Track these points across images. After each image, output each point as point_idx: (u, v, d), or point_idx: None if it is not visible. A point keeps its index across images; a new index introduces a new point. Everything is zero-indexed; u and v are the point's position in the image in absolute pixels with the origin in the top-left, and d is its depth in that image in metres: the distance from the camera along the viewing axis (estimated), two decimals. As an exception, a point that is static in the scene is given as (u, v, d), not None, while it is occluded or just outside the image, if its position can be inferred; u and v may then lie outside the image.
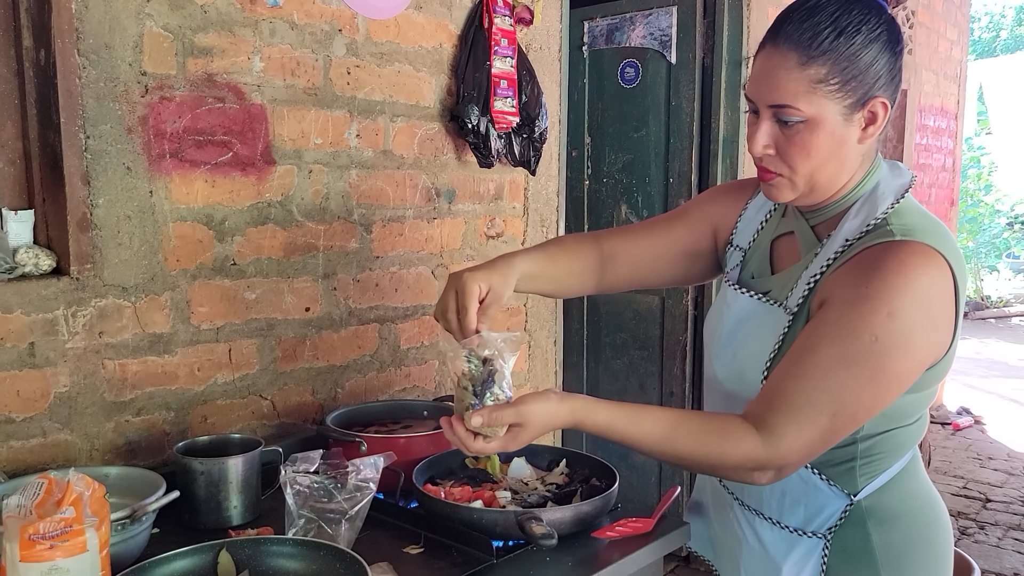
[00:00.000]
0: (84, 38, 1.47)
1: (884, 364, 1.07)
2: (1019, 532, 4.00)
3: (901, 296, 1.06)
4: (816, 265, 1.19)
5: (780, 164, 1.16)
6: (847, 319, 1.08)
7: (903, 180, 1.21)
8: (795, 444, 1.08)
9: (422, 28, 2.06)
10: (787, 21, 1.12)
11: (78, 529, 1.03)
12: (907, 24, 4.85)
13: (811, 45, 1.09)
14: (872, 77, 1.11)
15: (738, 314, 1.29)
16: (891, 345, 1.06)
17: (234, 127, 1.71)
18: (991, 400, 6.64)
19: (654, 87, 3.44)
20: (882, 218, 1.16)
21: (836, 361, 1.07)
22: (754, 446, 1.08)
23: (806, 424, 1.07)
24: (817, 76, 1.09)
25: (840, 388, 1.07)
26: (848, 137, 1.14)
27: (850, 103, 1.11)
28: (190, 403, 1.69)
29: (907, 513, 1.24)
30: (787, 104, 1.11)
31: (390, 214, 2.03)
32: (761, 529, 1.32)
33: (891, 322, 1.06)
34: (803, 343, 1.11)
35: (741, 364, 1.26)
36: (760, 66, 1.15)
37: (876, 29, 1.10)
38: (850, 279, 1.11)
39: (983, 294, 11.37)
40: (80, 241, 1.50)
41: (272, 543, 1.22)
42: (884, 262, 1.09)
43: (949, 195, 6.07)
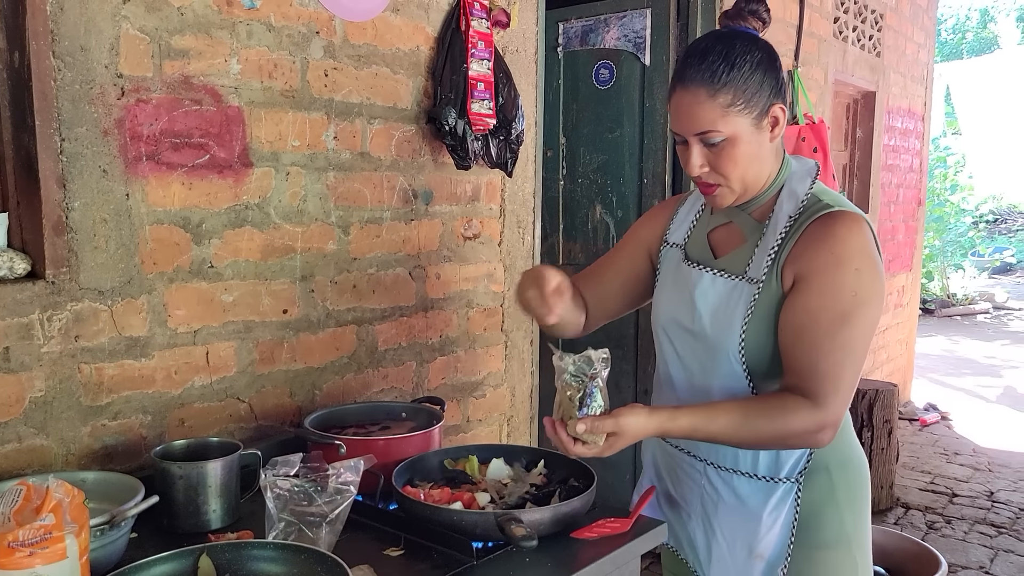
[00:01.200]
0: (59, 40, 1.46)
1: (868, 310, 1.36)
2: (985, 526, 4.08)
3: (859, 256, 1.35)
4: (770, 239, 1.43)
5: (716, 176, 1.41)
6: (828, 286, 1.34)
7: (809, 165, 1.49)
8: (839, 398, 1.34)
9: (399, 30, 2.06)
10: (688, 66, 1.38)
11: (58, 536, 1.03)
12: (875, 27, 4.93)
13: (713, 80, 1.35)
14: (767, 90, 1.38)
15: (704, 289, 1.49)
16: (865, 293, 1.35)
17: (211, 129, 1.70)
18: (958, 396, 6.76)
19: (628, 88, 3.46)
20: (810, 195, 1.44)
21: (836, 323, 1.33)
22: (810, 413, 1.32)
23: (840, 380, 1.34)
24: (726, 102, 1.35)
25: (848, 342, 1.34)
26: (762, 141, 1.41)
27: (756, 114, 1.38)
28: (167, 406, 1.68)
29: (852, 459, 1.52)
30: (709, 129, 1.36)
31: (368, 216, 2.04)
32: (738, 484, 1.51)
33: (860, 277, 1.35)
34: (802, 319, 1.36)
35: (716, 331, 1.46)
36: (676, 105, 1.39)
37: (757, 55, 1.38)
38: (815, 250, 1.36)
39: (949, 292, 11.56)
40: (55, 244, 1.49)
41: (252, 547, 1.22)
42: (836, 229, 1.36)
43: (916, 195, 6.17)
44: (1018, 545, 3.85)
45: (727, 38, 1.39)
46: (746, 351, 1.42)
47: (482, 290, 2.38)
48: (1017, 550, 3.80)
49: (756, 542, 1.49)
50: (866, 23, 4.82)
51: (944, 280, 11.64)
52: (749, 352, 1.42)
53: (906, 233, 5.99)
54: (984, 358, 8.47)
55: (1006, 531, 4.02)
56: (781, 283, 1.40)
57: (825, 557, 1.49)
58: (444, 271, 2.25)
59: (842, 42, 4.54)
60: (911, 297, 6.32)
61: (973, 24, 21.54)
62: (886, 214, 5.52)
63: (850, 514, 1.50)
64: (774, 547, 1.49)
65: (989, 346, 9.10)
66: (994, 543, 3.87)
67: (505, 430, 2.53)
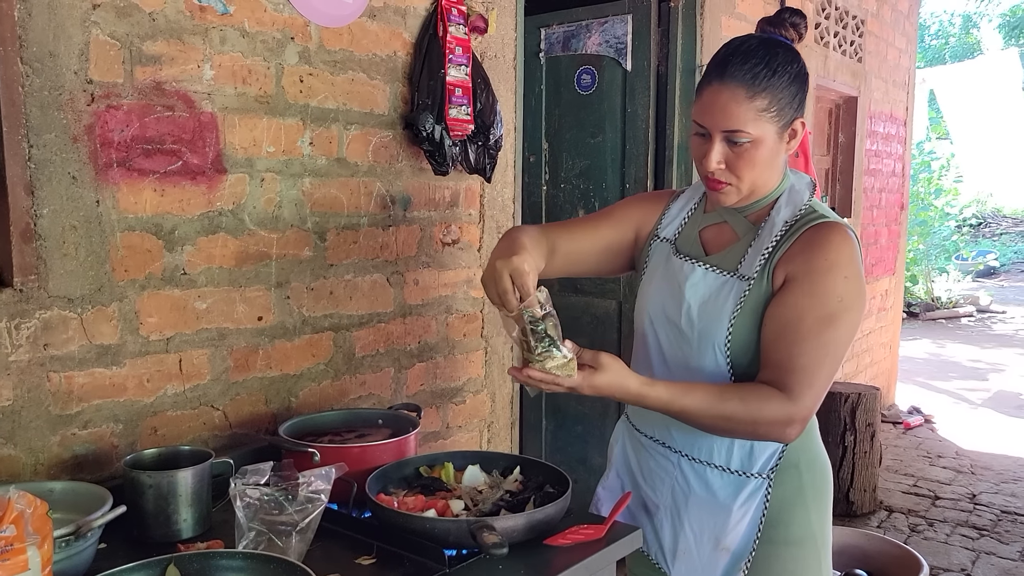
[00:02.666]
0: (27, 46, 1.45)
1: (851, 316, 1.42)
2: (967, 528, 4.10)
3: (848, 264, 1.42)
4: (764, 240, 1.48)
5: (729, 175, 1.45)
6: (817, 288, 1.40)
7: (806, 180, 1.55)
8: (812, 395, 1.40)
9: (376, 36, 2.06)
10: (730, 63, 1.41)
11: (19, 548, 1.02)
12: (857, 33, 4.96)
13: (754, 82, 1.39)
14: (796, 103, 1.44)
15: (694, 282, 1.52)
16: (851, 300, 1.42)
17: (184, 135, 1.69)
18: (941, 399, 6.79)
19: (610, 94, 3.47)
20: (807, 206, 1.50)
21: (820, 323, 1.39)
22: (783, 405, 1.37)
23: (815, 378, 1.39)
24: (761, 106, 1.40)
25: (831, 342, 1.40)
26: (780, 150, 1.47)
27: (782, 124, 1.44)
28: (139, 415, 1.67)
29: (820, 459, 1.58)
30: (739, 129, 1.40)
31: (344, 222, 2.03)
32: (710, 477, 1.55)
33: (848, 284, 1.41)
34: (788, 315, 1.41)
35: (703, 324, 1.49)
36: (711, 99, 1.41)
37: (795, 66, 1.44)
38: (809, 254, 1.42)
39: (933, 295, 11.62)
40: (23, 252, 1.47)
41: (221, 557, 1.21)
42: (831, 236, 1.43)
43: (899, 199, 6.20)
44: (1000, 547, 3.87)
45: (770, 45, 1.44)
46: (731, 346, 1.47)
47: (461, 296, 2.38)
48: (999, 552, 3.82)
49: (724, 534, 1.53)
50: (847, 29, 4.84)
51: (928, 284, 11.71)
52: (734, 347, 1.47)
53: (889, 237, 6.02)
54: (968, 361, 8.52)
55: (988, 533, 4.03)
56: (772, 282, 1.45)
57: (790, 553, 1.54)
58: (423, 277, 2.24)
59: (824, 48, 4.56)
60: (894, 300, 6.35)
61: (956, 29, 21.72)
62: (869, 218, 5.55)
63: (816, 513, 1.55)
64: (740, 540, 1.53)
65: (973, 349, 9.15)
66: (976, 545, 3.89)
67: (485, 436, 2.52)
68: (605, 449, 3.60)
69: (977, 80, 9.60)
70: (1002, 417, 6.30)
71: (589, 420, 3.67)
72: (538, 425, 3.82)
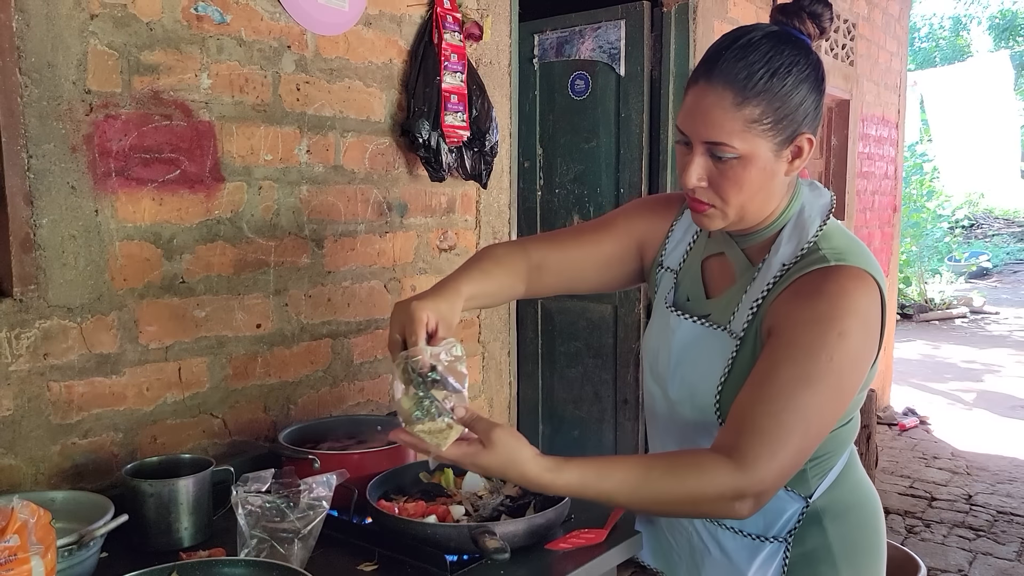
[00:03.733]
0: (26, 56, 1.45)
1: (841, 380, 1.14)
2: (964, 529, 4.11)
3: (848, 318, 1.13)
4: (756, 289, 1.25)
5: (713, 196, 1.21)
6: (802, 341, 1.14)
7: (824, 200, 1.28)
8: (772, 467, 1.10)
9: (372, 44, 2.06)
10: (720, 59, 1.15)
11: (23, 557, 1.02)
12: (848, 36, 4.99)
13: (746, 85, 1.13)
14: (801, 115, 1.16)
15: (683, 339, 1.32)
16: (844, 362, 1.13)
17: (182, 144, 1.69)
18: (936, 401, 6.82)
19: (604, 99, 3.48)
20: (813, 242, 1.22)
21: (798, 382, 1.12)
22: (730, 475, 1.09)
23: (779, 447, 1.10)
24: (752, 116, 1.14)
25: (806, 407, 1.12)
26: (777, 171, 1.19)
27: (780, 140, 1.17)
28: (139, 424, 1.67)
29: (856, 504, 1.33)
30: (722, 142, 1.15)
31: (342, 229, 2.03)
32: (723, 539, 1.36)
33: (843, 342, 1.13)
34: (763, 369, 1.15)
35: (691, 387, 1.29)
36: (694, 101, 1.17)
37: (805, 70, 1.16)
38: (796, 304, 1.17)
39: (927, 297, 11.67)
40: (23, 262, 1.48)
41: (224, 564, 1.21)
42: (826, 286, 1.16)
43: (892, 202, 6.23)
44: (996, 548, 3.89)
45: (777, 39, 1.16)
46: (722, 411, 1.25)
47: (458, 302, 2.38)
48: (995, 553, 3.83)
49: None
50: (839, 32, 4.87)
51: (921, 285, 11.76)
52: (726, 412, 1.23)
53: (882, 239, 6.05)
54: (962, 362, 8.55)
55: (984, 534, 4.05)
56: (760, 340, 1.22)
57: None
58: (420, 283, 2.25)
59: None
60: (889, 303, 6.37)
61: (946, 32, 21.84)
62: (862, 220, 5.57)
63: (849, 570, 1.31)
64: None
65: (967, 350, 9.19)
66: (973, 546, 3.91)
67: (483, 441, 2.52)
68: (602, 454, 3.62)
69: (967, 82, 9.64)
70: (997, 418, 6.32)
71: (587, 425, 3.68)
72: (535, 430, 3.82)
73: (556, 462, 1.10)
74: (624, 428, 3.55)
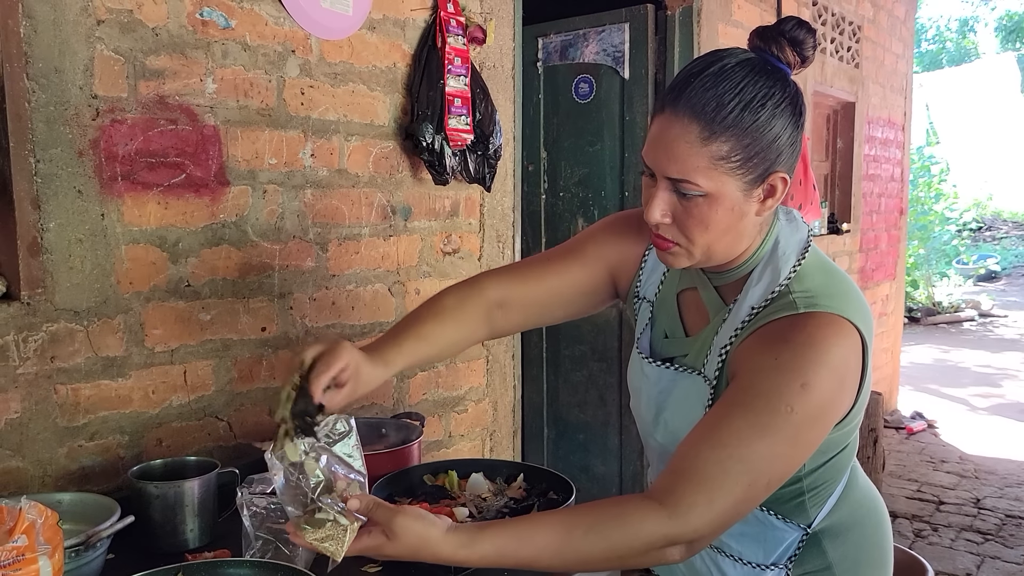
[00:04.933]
0: (33, 62, 1.47)
1: (800, 433, 1.06)
2: (971, 533, 4.10)
3: (814, 368, 1.06)
4: (724, 334, 1.18)
5: (677, 234, 1.13)
6: (760, 388, 1.06)
7: (800, 235, 1.20)
8: (707, 515, 1.03)
9: (376, 48, 2.08)
10: (689, 87, 1.07)
11: (31, 557, 1.03)
12: (853, 39, 4.99)
13: (715, 118, 1.05)
14: (774, 153, 1.08)
15: (659, 385, 1.27)
16: (806, 415, 1.06)
17: (187, 148, 1.71)
18: (944, 404, 6.79)
19: (608, 102, 3.49)
20: (784, 285, 1.15)
21: (752, 430, 1.04)
22: (660, 522, 1.02)
23: (719, 494, 1.03)
24: (719, 153, 1.06)
25: (756, 457, 1.04)
26: (747, 211, 1.12)
27: (750, 179, 1.09)
28: (145, 426, 1.68)
29: (856, 523, 1.28)
30: (686, 179, 1.07)
31: (346, 232, 2.04)
32: (724, 565, 1.31)
33: (805, 393, 1.05)
34: (717, 413, 1.09)
35: (674, 432, 1.23)
36: (659, 132, 1.09)
37: (781, 103, 1.08)
38: (757, 351, 1.10)
39: (935, 300, 11.63)
40: (30, 266, 1.49)
41: (229, 565, 1.21)
42: (792, 335, 1.08)
43: (898, 204, 6.22)
44: (1004, 551, 3.87)
45: (752, 67, 1.08)
46: None
47: (463, 305, 2.39)
48: (1003, 556, 3.81)
49: None
50: (844, 35, 4.87)
51: (929, 288, 11.72)
52: None
53: (889, 242, 6.04)
54: (971, 366, 8.51)
55: (992, 538, 4.03)
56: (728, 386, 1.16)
57: None
58: (424, 286, 2.26)
59: (820, 54, 4.58)
60: (895, 305, 6.36)
61: (953, 34, 21.81)
62: (868, 223, 5.56)
63: None
64: None
65: (975, 353, 9.15)
66: (980, 550, 3.89)
67: (488, 445, 2.53)
68: (607, 458, 3.63)
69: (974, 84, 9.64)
70: (1006, 421, 6.29)
71: (591, 429, 3.68)
72: (540, 434, 3.83)
73: (469, 535, 1.03)
74: (629, 432, 3.55)
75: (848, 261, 5.17)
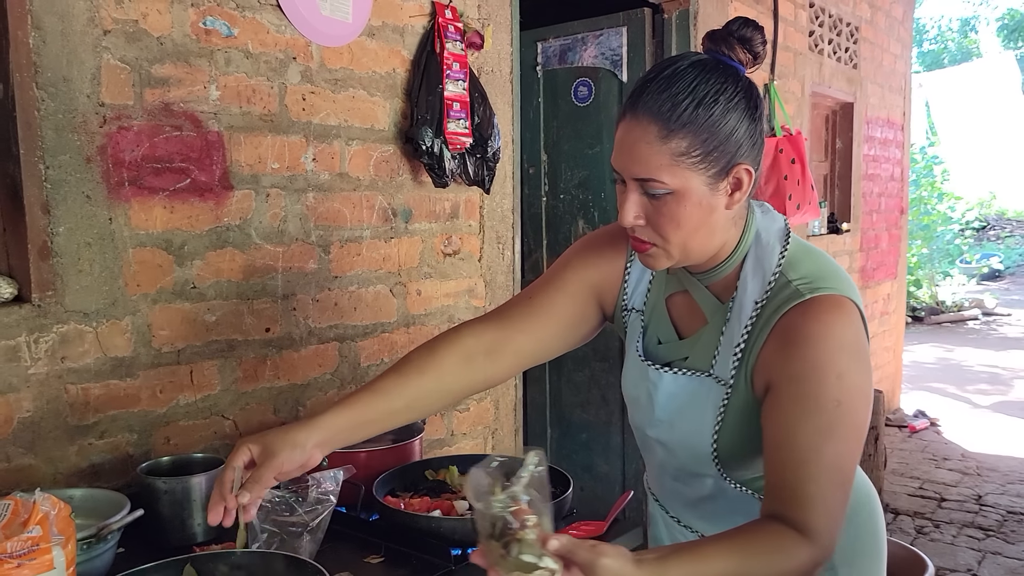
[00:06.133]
0: (42, 72, 1.51)
1: (854, 418, 1.13)
2: (973, 529, 4.12)
3: (840, 356, 1.12)
4: (734, 331, 1.21)
5: (652, 234, 1.17)
6: (806, 394, 1.12)
7: (778, 225, 1.25)
8: (832, 528, 1.11)
9: (375, 54, 2.12)
10: (645, 91, 1.12)
11: (45, 547, 1.06)
12: (851, 40, 5.02)
13: (671, 117, 1.10)
14: (734, 145, 1.12)
15: (667, 391, 1.28)
16: (851, 400, 1.12)
17: (192, 154, 1.75)
18: (946, 402, 6.80)
19: (607, 105, 3.53)
20: (778, 272, 1.19)
21: (817, 438, 1.10)
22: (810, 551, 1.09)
23: (830, 506, 1.11)
24: (679, 149, 1.10)
25: (834, 458, 1.11)
26: (716, 205, 1.15)
27: (714, 173, 1.13)
28: (153, 425, 1.72)
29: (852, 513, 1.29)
30: (651, 178, 1.12)
31: (347, 234, 2.09)
32: None
33: (843, 382, 1.11)
34: (779, 436, 1.13)
35: (683, 437, 1.27)
36: (622, 137, 1.14)
37: (734, 97, 1.12)
38: (786, 356, 1.14)
39: (938, 299, 11.63)
40: (41, 269, 1.53)
41: (235, 557, 1.25)
42: (808, 328, 1.13)
43: (899, 204, 6.25)
44: (1006, 547, 3.89)
45: (703, 67, 1.13)
46: (721, 457, 1.24)
47: (463, 305, 2.43)
48: (1005, 552, 3.84)
49: None
50: (842, 36, 4.90)
51: (933, 288, 11.72)
52: (725, 458, 1.24)
53: (889, 241, 6.06)
54: (974, 364, 8.52)
55: (994, 534, 4.05)
56: (752, 389, 1.20)
57: None
58: (425, 287, 2.30)
59: (818, 55, 4.62)
60: (897, 304, 6.38)
61: (954, 34, 21.80)
62: (869, 223, 5.59)
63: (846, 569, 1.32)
64: None
65: (979, 352, 9.16)
66: (982, 546, 3.91)
67: (490, 443, 2.56)
68: (610, 457, 3.66)
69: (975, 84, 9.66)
70: (1008, 419, 6.31)
71: (594, 428, 3.72)
72: (543, 433, 3.86)
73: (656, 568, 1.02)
74: (631, 431, 3.58)
75: (848, 260, 5.20)
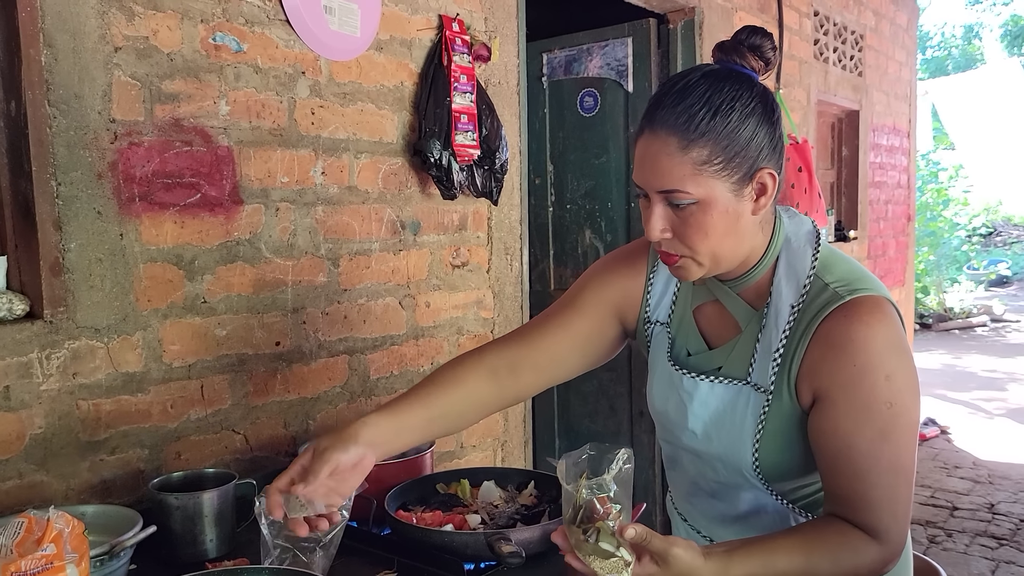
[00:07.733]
0: (54, 89, 1.52)
1: (907, 417, 1.15)
2: (986, 538, 4.09)
3: (886, 357, 1.14)
4: (772, 337, 1.21)
5: (680, 246, 1.17)
6: (858, 401, 1.13)
7: (807, 228, 1.26)
8: (901, 527, 1.15)
9: (383, 68, 2.13)
10: (660, 106, 1.14)
11: (59, 565, 1.06)
12: (856, 48, 5.02)
13: (688, 128, 1.10)
14: (754, 150, 1.13)
15: (703, 400, 1.28)
16: (902, 400, 1.14)
17: (202, 169, 1.75)
18: (957, 410, 6.77)
19: (613, 115, 3.53)
20: (813, 275, 1.20)
21: (876, 442, 1.13)
22: (879, 551, 1.14)
23: (896, 509, 1.14)
24: (700, 158, 1.11)
25: (893, 460, 1.13)
26: (742, 212, 1.16)
27: (737, 179, 1.13)
28: (164, 440, 1.72)
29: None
30: (675, 188, 1.12)
31: (357, 247, 2.09)
32: None
33: (892, 384, 1.13)
34: (835, 445, 1.15)
35: (722, 448, 1.26)
36: (642, 153, 1.15)
37: (750, 103, 1.13)
38: (833, 363, 1.15)
39: (946, 306, 11.59)
40: (53, 285, 1.54)
41: (248, 573, 1.25)
42: (852, 332, 1.14)
43: (905, 211, 6.24)
44: (1019, 556, 3.86)
45: (716, 77, 1.14)
46: (762, 467, 1.23)
47: (472, 316, 2.43)
48: (1018, 561, 3.81)
49: None
50: (846, 44, 4.91)
51: (940, 294, 11.68)
52: (766, 469, 1.23)
53: (897, 248, 6.05)
54: (983, 371, 8.48)
55: (1007, 543, 4.02)
56: (797, 398, 1.19)
57: None
58: (433, 299, 2.30)
59: (823, 63, 4.62)
60: (904, 311, 6.36)
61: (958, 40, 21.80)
62: (876, 230, 5.58)
63: None
64: None
65: (987, 359, 9.11)
66: (995, 555, 3.88)
67: (499, 455, 2.56)
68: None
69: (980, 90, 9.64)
70: (1018, 427, 6.27)
71: (602, 438, 3.69)
72: (551, 444, 3.85)
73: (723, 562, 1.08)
74: (640, 441, 3.57)
75: (856, 268, 5.17)
